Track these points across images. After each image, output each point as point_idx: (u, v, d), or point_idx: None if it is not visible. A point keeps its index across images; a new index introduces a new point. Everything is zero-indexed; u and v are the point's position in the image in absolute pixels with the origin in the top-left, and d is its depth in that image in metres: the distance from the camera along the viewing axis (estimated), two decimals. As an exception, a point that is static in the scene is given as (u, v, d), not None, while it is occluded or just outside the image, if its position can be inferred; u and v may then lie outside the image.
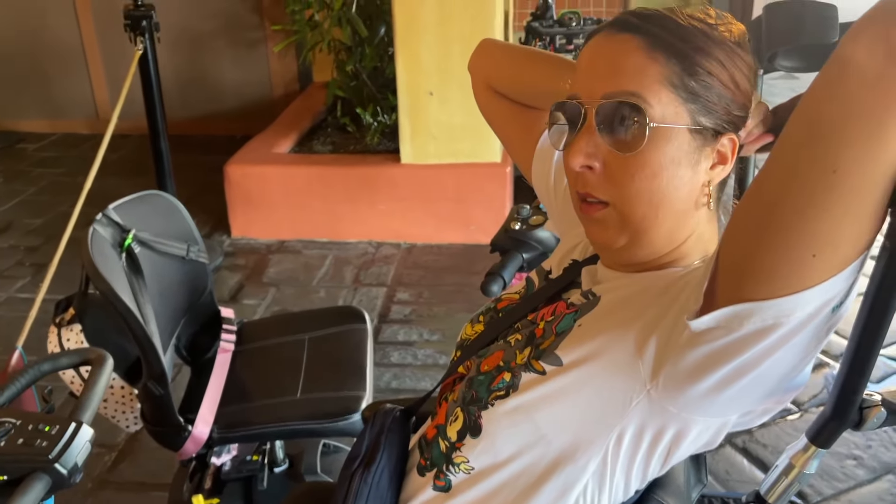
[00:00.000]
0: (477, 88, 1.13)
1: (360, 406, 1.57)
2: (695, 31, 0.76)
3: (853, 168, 0.54)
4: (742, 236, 0.63)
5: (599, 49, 0.78)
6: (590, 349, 0.76)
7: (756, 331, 0.62)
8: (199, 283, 1.77)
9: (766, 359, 0.63)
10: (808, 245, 0.57)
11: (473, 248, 3.33)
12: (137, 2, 2.88)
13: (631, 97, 0.73)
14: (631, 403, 0.73)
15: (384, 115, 3.67)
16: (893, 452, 2.15)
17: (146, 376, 1.44)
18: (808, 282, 0.59)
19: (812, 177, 0.56)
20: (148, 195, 1.69)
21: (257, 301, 3.01)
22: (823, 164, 0.55)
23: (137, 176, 3.59)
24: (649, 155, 0.74)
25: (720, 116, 0.75)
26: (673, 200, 0.76)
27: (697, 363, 0.66)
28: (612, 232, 0.79)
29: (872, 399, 0.65)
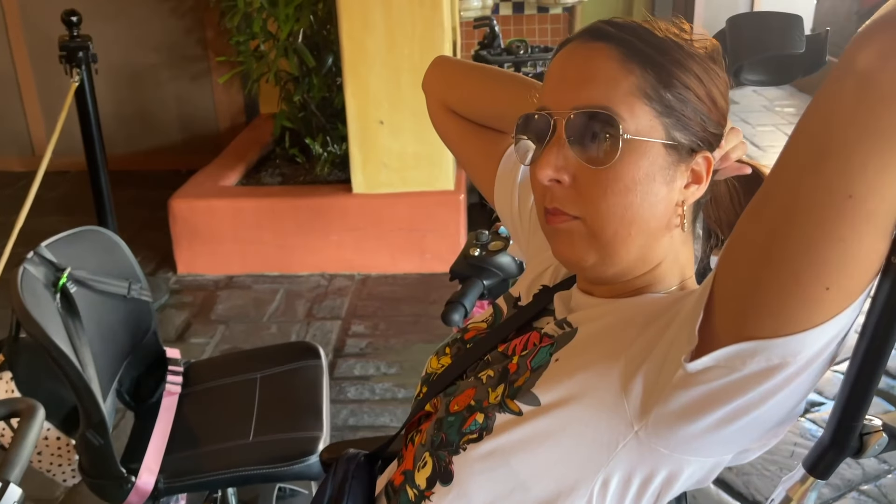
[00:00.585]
0: (432, 108, 1.07)
1: (317, 447, 1.49)
2: (671, 44, 0.72)
3: (871, 192, 0.48)
4: (743, 268, 0.57)
5: (571, 58, 0.74)
6: (570, 387, 0.70)
7: (759, 371, 0.56)
8: (141, 323, 1.68)
9: (768, 399, 0.58)
10: (821, 278, 0.52)
11: (429, 276, 3.28)
12: (73, 32, 2.78)
13: (604, 108, 0.69)
14: (617, 446, 0.67)
15: (334, 145, 3.62)
16: (856, 469, 2.15)
17: (84, 425, 1.34)
18: (819, 318, 0.53)
19: (823, 204, 0.50)
20: (85, 231, 1.59)
21: (205, 340, 2.90)
22: (836, 189, 0.49)
23: (76, 214, 3.46)
24: (622, 169, 0.69)
25: (695, 133, 0.72)
26: (646, 218, 0.72)
27: (692, 403, 0.61)
28: (581, 248, 0.74)
29: (872, 425, 0.61)
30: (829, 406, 2.39)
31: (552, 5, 5.03)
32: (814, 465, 0.64)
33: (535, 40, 5.16)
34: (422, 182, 3.27)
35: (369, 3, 3.02)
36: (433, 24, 3.05)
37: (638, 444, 0.66)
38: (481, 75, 1.03)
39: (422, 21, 3.05)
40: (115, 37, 4.41)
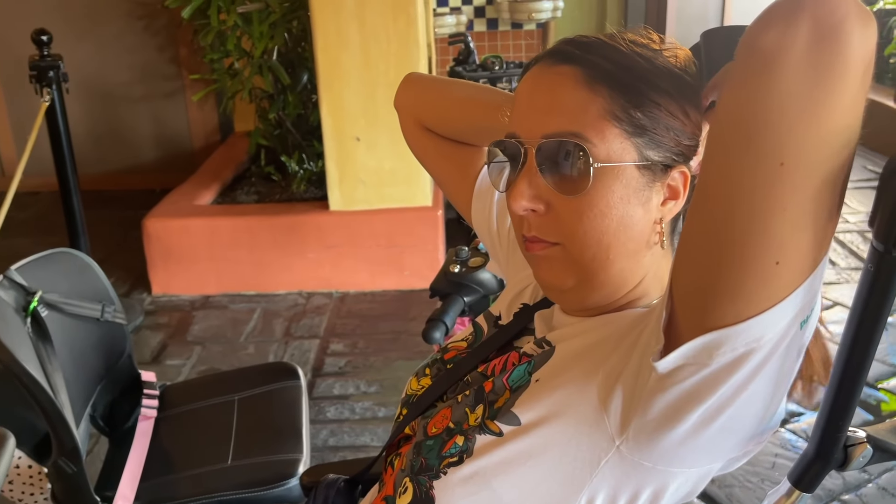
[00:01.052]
0: (405, 126, 1.06)
1: (297, 470, 1.47)
2: (638, 59, 0.71)
3: (800, 154, 0.51)
4: (696, 261, 0.58)
5: (537, 83, 0.73)
6: (550, 406, 0.69)
7: (728, 363, 0.56)
8: (116, 346, 1.64)
9: (741, 393, 0.58)
10: (770, 252, 0.53)
11: (408, 293, 3.26)
12: (43, 52, 2.75)
13: (573, 136, 0.68)
14: (599, 463, 0.66)
15: (310, 162, 3.60)
16: (837, 479, 2.16)
17: (56, 453, 1.31)
18: (774, 296, 0.54)
19: (760, 177, 0.52)
20: (56, 253, 1.56)
21: (181, 361, 2.85)
22: (768, 160, 0.51)
23: (48, 235, 3.39)
24: (596, 195, 0.69)
25: (669, 149, 0.71)
26: (624, 240, 0.71)
27: (669, 408, 0.60)
28: (561, 272, 0.73)
29: (857, 436, 0.61)
30: (808, 416, 2.40)
31: (526, 21, 5.07)
32: (799, 478, 0.64)
33: (510, 56, 5.19)
34: (399, 198, 3.26)
35: (344, 20, 3.02)
36: (408, 40, 3.06)
37: (621, 459, 0.66)
38: (455, 90, 1.01)
39: (397, 37, 3.05)
40: (86, 56, 4.36)
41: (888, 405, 2.50)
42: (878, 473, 2.17)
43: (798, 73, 0.49)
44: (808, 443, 0.63)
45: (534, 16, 4.94)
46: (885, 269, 0.51)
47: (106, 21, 4.42)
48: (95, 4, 4.38)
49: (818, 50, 0.49)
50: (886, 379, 2.60)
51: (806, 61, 0.49)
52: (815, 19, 0.49)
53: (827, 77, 0.49)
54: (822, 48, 0.49)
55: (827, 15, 0.48)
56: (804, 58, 0.49)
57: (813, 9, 0.49)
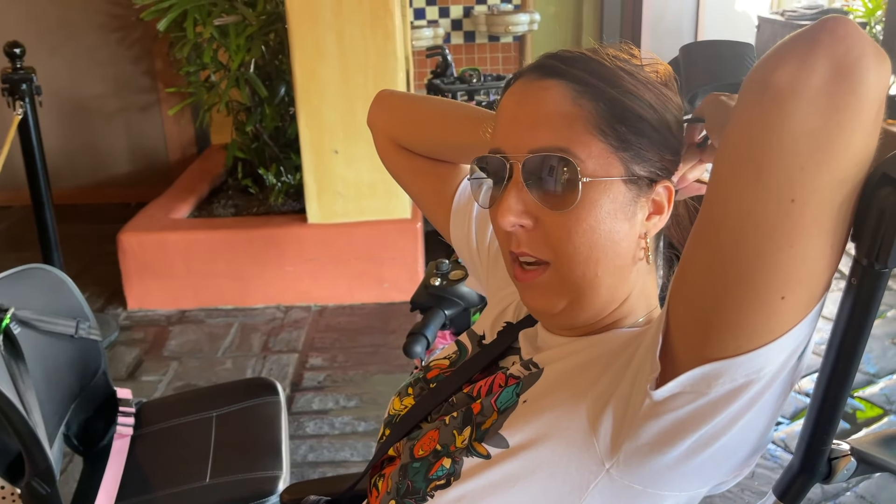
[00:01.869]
0: (380, 145, 1.04)
1: (276, 487, 1.45)
2: (621, 74, 0.71)
3: (812, 191, 0.50)
4: (697, 292, 0.57)
5: (522, 97, 0.72)
6: (538, 428, 0.68)
7: (726, 393, 0.56)
8: (90, 363, 1.61)
9: (736, 423, 0.57)
10: (776, 287, 0.53)
11: (388, 306, 3.25)
12: (16, 65, 2.71)
13: (560, 151, 0.68)
14: (589, 486, 0.65)
15: (288, 175, 3.58)
16: (815, 488, 2.17)
17: (29, 474, 1.28)
18: (777, 330, 0.54)
19: (769, 213, 0.51)
20: (29, 269, 1.53)
21: (158, 377, 2.81)
22: (779, 196, 0.51)
23: (20, 250, 3.35)
24: (583, 210, 0.69)
25: (654, 163, 0.71)
26: (612, 256, 0.71)
27: (662, 434, 0.60)
28: (552, 296, 0.73)
29: (841, 449, 0.61)
30: (786, 426, 2.42)
31: (503, 34, 5.10)
32: (784, 491, 0.64)
33: (487, 69, 5.22)
34: (378, 211, 3.25)
35: (321, 32, 3.02)
36: (386, 53, 3.06)
37: (610, 482, 0.65)
38: (429, 107, 1.00)
39: (375, 50, 3.05)
40: (60, 69, 4.32)
41: (864, 413, 2.53)
42: (857, 482, 2.19)
43: (813, 110, 0.49)
44: (792, 455, 0.63)
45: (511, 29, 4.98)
46: (868, 283, 0.51)
47: (79, 34, 4.38)
48: (69, 17, 4.34)
49: (834, 88, 0.49)
50: (862, 388, 2.63)
51: (821, 99, 0.49)
52: (832, 57, 0.49)
53: (842, 115, 0.49)
54: (838, 86, 0.48)
55: (843, 53, 0.48)
56: (820, 95, 0.49)
57: (830, 47, 0.49)
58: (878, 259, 0.49)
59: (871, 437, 0.64)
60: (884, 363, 2.78)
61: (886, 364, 2.77)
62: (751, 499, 2.15)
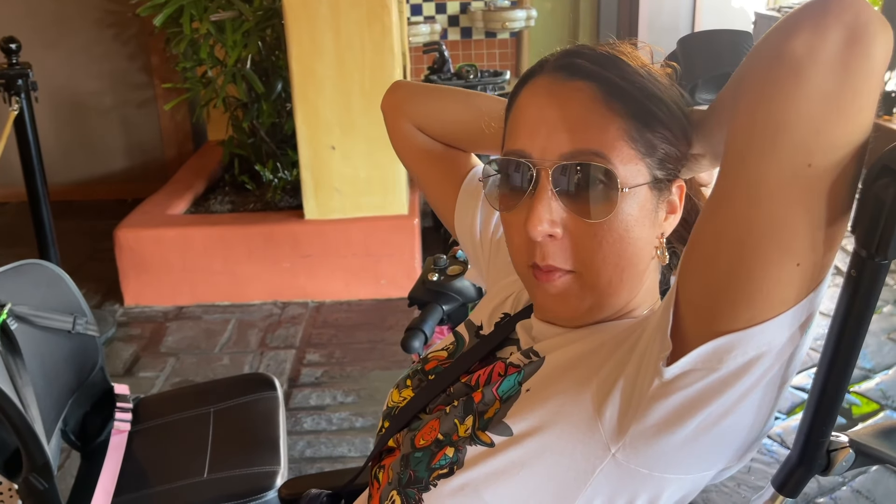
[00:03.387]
0: (394, 127, 1.02)
1: (275, 483, 1.44)
2: (646, 75, 0.70)
3: (828, 155, 0.51)
4: (709, 266, 0.57)
5: (549, 98, 0.69)
6: (542, 416, 0.68)
7: (737, 368, 0.56)
8: (88, 359, 1.61)
9: (745, 399, 0.58)
10: (792, 253, 0.53)
11: (385, 302, 3.24)
12: (12, 60, 2.70)
13: (596, 158, 0.66)
14: (594, 472, 0.65)
15: (285, 171, 3.58)
16: (811, 482, 2.18)
17: (27, 469, 1.28)
18: (790, 299, 0.54)
19: (787, 179, 0.52)
20: (25, 265, 1.53)
21: (155, 373, 2.81)
22: (796, 161, 0.52)
23: (17, 246, 3.34)
24: (616, 219, 0.67)
25: (671, 166, 0.70)
26: (636, 262, 0.71)
27: (671, 413, 0.60)
28: (575, 302, 0.72)
29: (839, 441, 0.61)
30: (783, 421, 2.43)
31: (499, 30, 5.10)
32: (783, 483, 0.64)
33: (484, 65, 5.21)
34: (375, 207, 3.25)
35: (318, 28, 3.01)
36: (383, 48, 3.05)
37: (616, 467, 0.65)
38: (450, 90, 1.00)
39: (371, 46, 3.05)
40: (56, 64, 4.30)
41: (860, 408, 2.54)
42: (853, 476, 2.19)
43: (829, 76, 0.50)
44: (791, 448, 0.63)
45: (507, 25, 4.97)
46: (868, 275, 0.51)
47: (76, 29, 4.36)
48: (65, 13, 4.32)
49: (848, 52, 0.50)
50: (858, 383, 2.64)
51: (837, 63, 0.50)
52: (844, 23, 0.50)
53: (856, 78, 0.50)
54: (852, 50, 0.50)
55: (853, 19, 0.50)
56: (835, 60, 0.50)
57: (839, 14, 0.50)
58: (878, 251, 0.49)
59: (869, 430, 0.64)
60: (880, 358, 2.78)
61: (882, 359, 2.78)
62: (747, 493, 2.16)
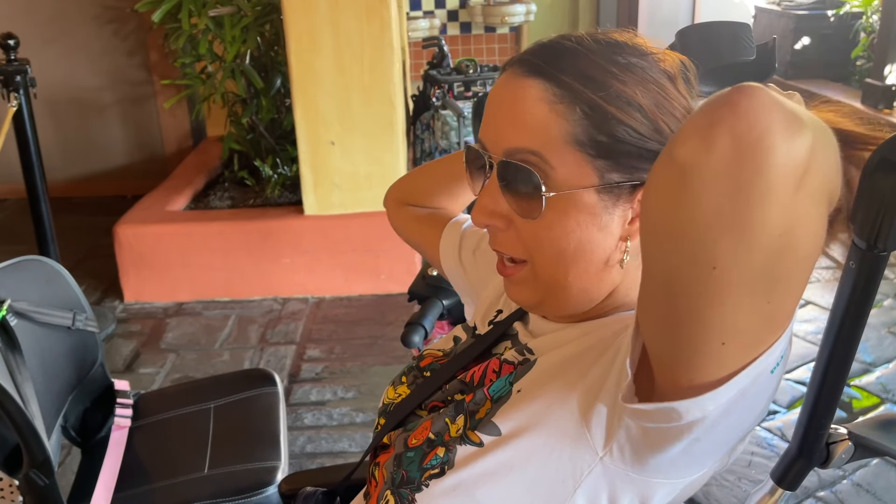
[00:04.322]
0: (393, 215, 1.16)
1: (275, 478, 1.45)
2: (613, 72, 0.66)
3: (733, 260, 0.47)
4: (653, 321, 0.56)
5: (503, 93, 0.70)
6: (529, 416, 0.68)
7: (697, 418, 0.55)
8: (87, 355, 1.61)
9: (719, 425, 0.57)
10: (712, 335, 0.51)
11: (385, 298, 3.24)
12: (10, 56, 2.70)
13: (531, 156, 0.66)
14: (582, 474, 0.65)
15: (284, 166, 3.58)
16: (812, 476, 2.18)
17: (27, 465, 1.27)
18: (726, 369, 0.52)
19: (692, 277, 0.49)
20: (24, 261, 1.53)
21: (155, 369, 2.81)
22: (700, 263, 0.48)
23: (16, 243, 3.34)
24: (551, 220, 0.67)
25: (636, 170, 0.67)
26: (582, 264, 0.69)
27: (653, 434, 0.60)
28: (526, 291, 0.74)
29: (838, 434, 0.61)
30: (783, 415, 2.43)
31: (499, 25, 5.09)
32: (782, 476, 0.64)
33: (483, 59, 5.21)
34: (375, 202, 3.24)
35: (317, 24, 3.00)
36: (382, 44, 3.05)
37: (605, 470, 0.65)
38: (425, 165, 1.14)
39: (370, 41, 3.04)
40: (55, 61, 4.30)
41: (860, 402, 2.54)
42: (853, 470, 2.19)
43: (716, 189, 0.46)
44: (790, 441, 0.63)
45: (507, 20, 4.97)
46: (866, 266, 0.51)
47: (74, 26, 4.35)
48: (63, 9, 4.32)
49: (736, 167, 0.45)
50: (859, 376, 2.64)
51: (723, 177, 0.45)
52: (732, 135, 0.45)
53: (747, 193, 0.45)
54: (739, 165, 0.45)
55: (745, 131, 0.44)
56: (721, 175, 0.45)
57: (731, 124, 0.45)
58: (877, 242, 0.49)
59: (868, 422, 0.64)
60: (880, 352, 2.79)
61: (883, 353, 2.78)
62: (748, 487, 2.16)
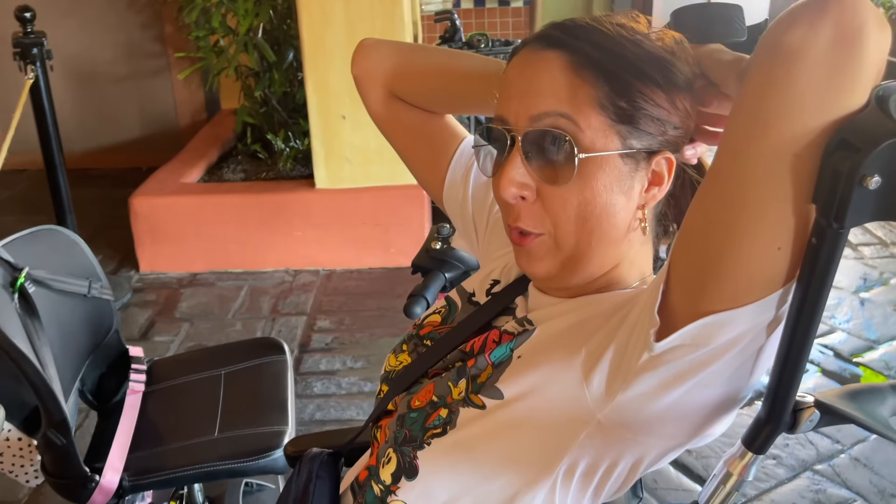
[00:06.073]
0: (370, 97, 0.98)
1: (282, 441, 1.50)
2: (626, 46, 0.71)
3: (813, 147, 0.54)
4: (703, 241, 0.60)
5: (524, 68, 0.73)
6: (532, 381, 0.71)
7: (725, 343, 0.59)
8: (103, 322, 1.67)
9: (729, 370, 0.61)
10: (775, 237, 0.56)
11: (394, 271, 3.29)
12: (27, 29, 2.73)
13: (560, 119, 0.69)
14: (579, 435, 0.69)
15: (296, 140, 3.61)
16: (810, 449, 2.22)
17: (45, 425, 1.33)
18: (773, 282, 0.57)
19: (775, 165, 0.55)
20: (42, 230, 1.58)
21: (170, 338, 2.88)
22: (784, 150, 0.54)
23: (35, 213, 3.40)
24: (580, 184, 0.70)
25: (653, 137, 0.71)
26: (607, 228, 0.72)
27: (657, 384, 0.63)
28: (547, 262, 0.75)
29: (805, 401, 0.65)
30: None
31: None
32: (751, 440, 0.67)
33: (497, 34, 5.18)
34: (385, 176, 3.27)
35: (329, -3, 3.01)
36: (393, 17, 3.06)
37: (601, 431, 0.68)
38: (429, 53, 0.97)
39: (382, 15, 3.05)
40: (70, 33, 4.33)
41: (865, 379, 2.56)
42: (851, 444, 2.23)
43: (818, 71, 0.52)
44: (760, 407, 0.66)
45: (521, -7, 4.93)
46: (827, 243, 0.53)
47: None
48: (79, -19, 4.34)
49: (838, 51, 0.52)
50: (862, 353, 2.66)
51: (826, 60, 0.52)
52: (838, 23, 0.52)
53: (844, 76, 0.52)
54: (841, 50, 0.52)
55: (849, 19, 0.51)
56: (825, 57, 0.52)
57: (836, 13, 0.52)
58: (835, 219, 0.52)
59: (836, 391, 0.67)
60: (885, 330, 2.80)
61: (887, 331, 2.79)
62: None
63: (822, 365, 2.61)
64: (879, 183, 0.50)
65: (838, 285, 3.06)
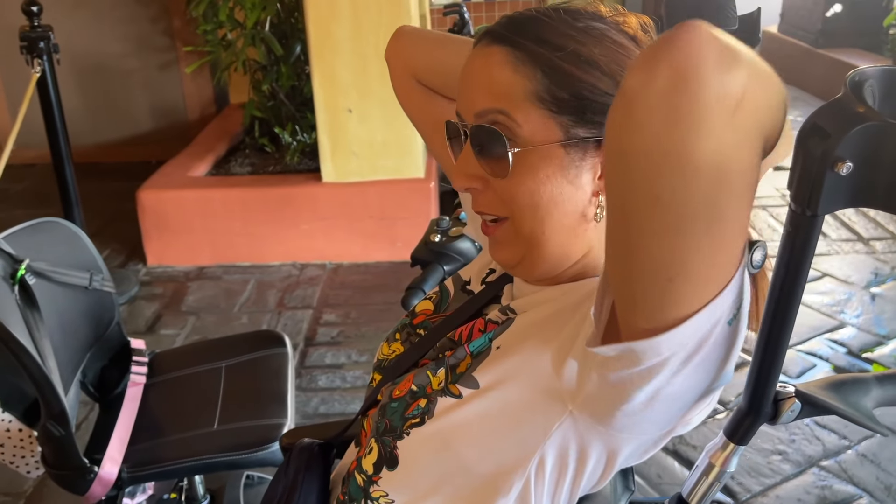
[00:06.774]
0: (397, 79, 1.02)
1: (281, 434, 1.50)
2: (570, 35, 0.71)
3: (674, 190, 0.50)
4: (611, 265, 0.59)
5: (473, 63, 0.75)
6: (506, 371, 0.72)
7: (656, 363, 0.57)
8: (104, 314, 1.68)
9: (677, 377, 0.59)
10: (659, 270, 0.53)
11: (400, 265, 3.29)
12: (34, 23, 2.75)
13: (498, 115, 0.71)
14: (552, 426, 0.69)
15: (304, 134, 3.61)
16: (816, 445, 2.20)
17: (45, 416, 1.34)
18: (680, 311, 0.54)
19: (638, 207, 0.52)
20: (44, 223, 1.59)
21: (176, 331, 2.89)
22: (645, 193, 0.51)
23: (43, 207, 3.42)
24: (522, 176, 0.71)
25: (602, 126, 0.69)
26: (557, 217, 0.73)
27: (615, 387, 0.62)
28: (509, 249, 0.77)
29: (786, 391, 0.64)
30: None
31: (522, -8, 5.04)
32: (733, 431, 0.66)
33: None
34: (392, 170, 3.27)
35: (335, -10, 3.01)
36: (400, 10, 3.05)
37: (574, 422, 0.68)
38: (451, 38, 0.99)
39: (388, 8, 3.04)
40: (78, 27, 4.35)
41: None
42: (858, 440, 2.21)
43: (655, 117, 0.49)
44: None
45: (530, -14, 4.91)
46: (802, 230, 0.53)
47: (98, -8, 4.40)
48: (88, -25, 4.36)
49: (672, 95, 0.49)
50: (872, 349, 2.64)
51: (662, 105, 0.49)
52: (671, 66, 0.49)
53: (683, 120, 0.49)
54: (675, 93, 0.49)
55: (682, 62, 0.48)
56: (660, 101, 0.49)
57: (669, 56, 0.49)
58: (809, 206, 0.51)
59: (819, 381, 0.66)
60: (895, 325, 2.77)
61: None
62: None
63: (833, 361, 2.58)
64: (851, 168, 0.49)
65: (848, 280, 3.03)
